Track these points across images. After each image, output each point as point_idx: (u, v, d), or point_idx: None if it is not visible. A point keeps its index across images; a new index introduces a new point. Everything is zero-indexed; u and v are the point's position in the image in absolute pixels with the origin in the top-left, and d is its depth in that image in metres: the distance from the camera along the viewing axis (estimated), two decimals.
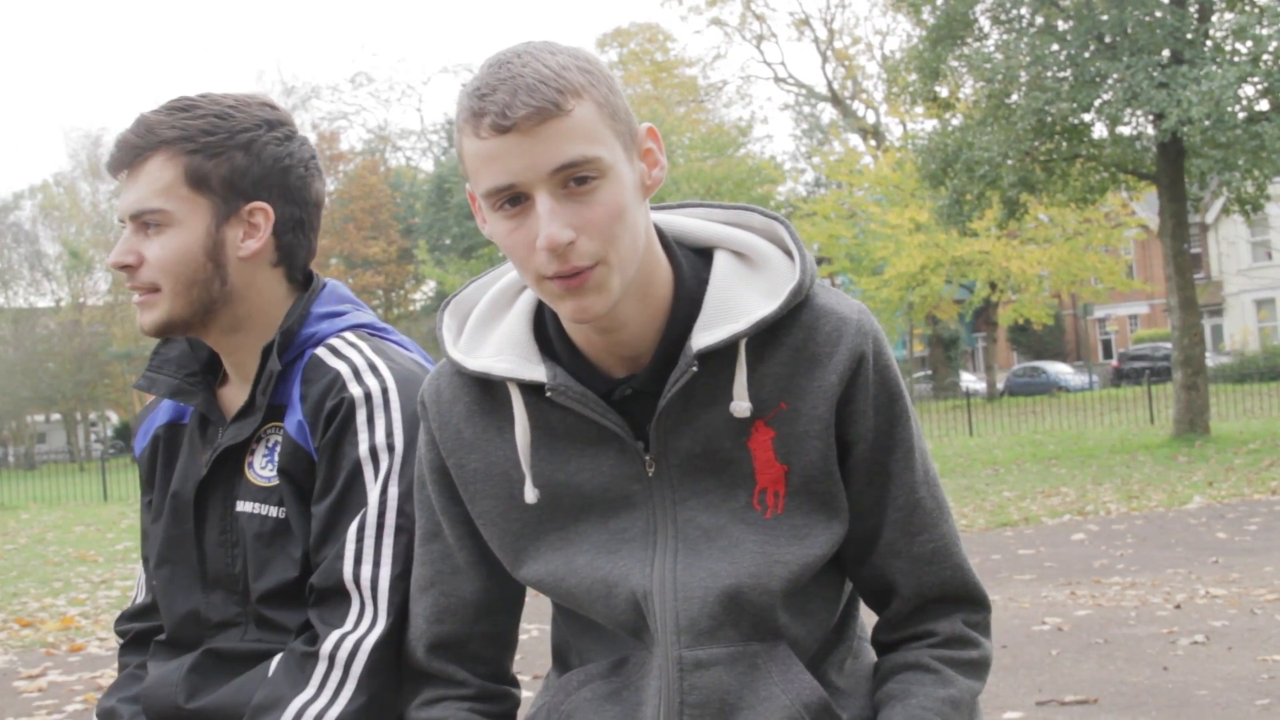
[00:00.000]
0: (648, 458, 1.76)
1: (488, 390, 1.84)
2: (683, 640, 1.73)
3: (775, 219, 1.84)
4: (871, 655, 1.95)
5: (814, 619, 1.84)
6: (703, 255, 1.82)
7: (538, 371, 1.76)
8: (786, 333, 1.74)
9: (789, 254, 1.81)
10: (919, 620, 1.85)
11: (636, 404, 1.76)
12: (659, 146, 1.73)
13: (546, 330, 1.81)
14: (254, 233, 2.14)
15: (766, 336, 1.74)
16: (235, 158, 2.09)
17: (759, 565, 1.73)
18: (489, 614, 1.91)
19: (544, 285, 1.66)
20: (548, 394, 1.75)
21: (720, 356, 1.73)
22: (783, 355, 1.74)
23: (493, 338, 1.84)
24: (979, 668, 1.84)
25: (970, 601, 1.86)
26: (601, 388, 1.76)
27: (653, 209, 1.82)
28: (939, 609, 1.84)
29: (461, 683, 1.91)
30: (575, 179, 1.60)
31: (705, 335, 1.71)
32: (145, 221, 2.07)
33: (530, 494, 1.79)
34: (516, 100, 1.57)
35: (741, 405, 1.71)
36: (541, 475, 1.80)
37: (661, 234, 1.79)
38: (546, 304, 1.75)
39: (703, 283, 1.77)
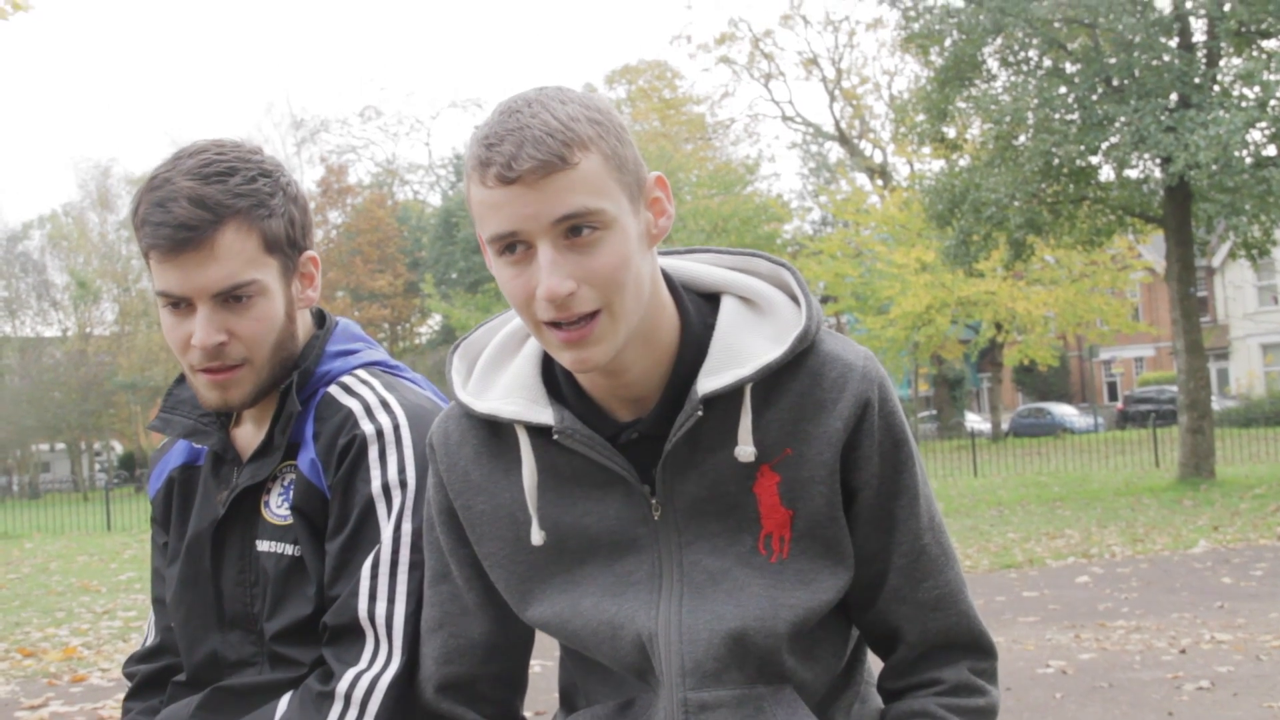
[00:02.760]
0: (654, 501, 1.77)
1: (496, 433, 1.86)
2: (688, 683, 1.73)
3: (782, 265, 1.86)
4: (878, 701, 1.95)
5: (820, 663, 1.84)
6: (710, 300, 1.83)
7: (545, 414, 1.77)
8: (792, 378, 1.76)
9: (795, 300, 1.83)
10: (925, 668, 1.84)
11: (642, 448, 1.77)
12: (667, 196, 1.74)
13: (554, 373, 1.83)
14: (310, 281, 2.16)
15: (772, 382, 1.75)
16: (291, 212, 2.09)
17: (764, 609, 1.74)
18: (498, 655, 1.92)
19: (544, 333, 1.68)
20: (555, 437, 1.76)
21: (726, 401, 1.74)
22: (788, 401, 1.75)
23: (501, 380, 1.86)
24: (985, 715, 1.83)
25: (977, 649, 1.86)
26: (608, 431, 1.78)
27: (660, 254, 1.84)
28: (945, 656, 1.84)
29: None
30: (577, 229, 1.62)
31: (711, 380, 1.72)
32: (235, 296, 2.02)
33: (537, 536, 1.80)
34: (522, 153, 1.59)
35: (746, 450, 1.73)
36: (548, 518, 1.81)
37: (669, 279, 1.80)
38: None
39: (709, 327, 1.78)
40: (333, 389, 2.14)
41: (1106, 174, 19.64)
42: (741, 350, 1.74)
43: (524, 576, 1.85)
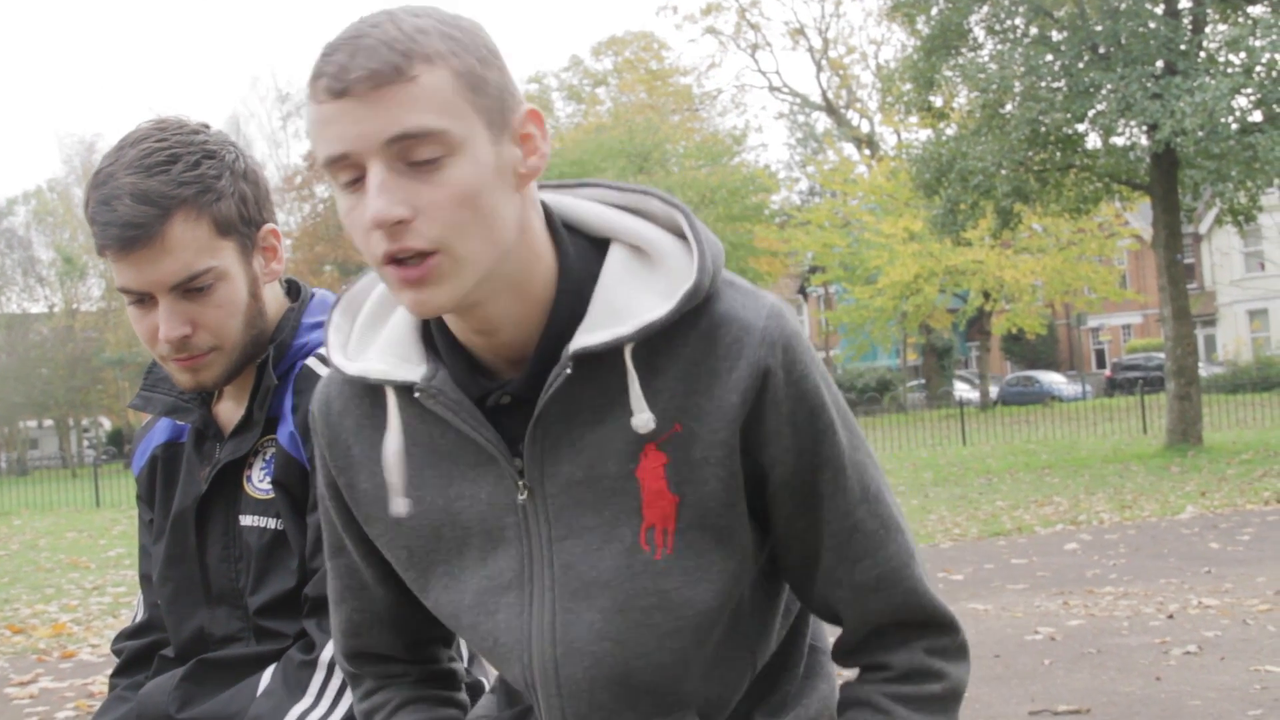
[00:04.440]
0: (521, 483, 1.54)
1: (377, 400, 1.62)
2: None
3: (675, 205, 1.58)
4: (834, 678, 1.80)
5: (734, 670, 1.65)
6: (598, 247, 1.58)
7: (414, 372, 1.54)
8: (683, 342, 1.51)
9: (689, 248, 1.56)
10: (873, 650, 1.64)
11: (517, 418, 1.54)
12: (541, 132, 1.50)
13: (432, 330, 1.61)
14: (273, 254, 2.13)
15: (660, 345, 1.50)
16: (241, 190, 2.05)
17: (647, 642, 1.54)
18: (409, 627, 1.78)
19: (384, 272, 1.44)
20: (415, 395, 1.53)
21: (606, 365, 1.50)
22: (678, 369, 1.51)
23: (379, 338, 1.62)
24: (943, 702, 1.62)
25: (933, 625, 1.63)
26: (479, 393, 1.55)
27: (546, 187, 1.62)
28: (895, 637, 1.62)
29: (398, 676, 1.80)
30: (418, 160, 1.39)
31: (586, 337, 1.48)
32: (194, 287, 1.99)
33: (398, 505, 1.59)
34: (354, 62, 1.37)
35: (643, 418, 1.48)
36: (423, 499, 1.60)
37: (551, 220, 1.56)
38: None
39: (593, 278, 1.54)
40: (310, 361, 2.12)
41: (1093, 141, 19.63)
42: (624, 307, 1.49)
43: (409, 563, 1.65)
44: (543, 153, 1.49)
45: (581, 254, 1.56)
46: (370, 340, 1.62)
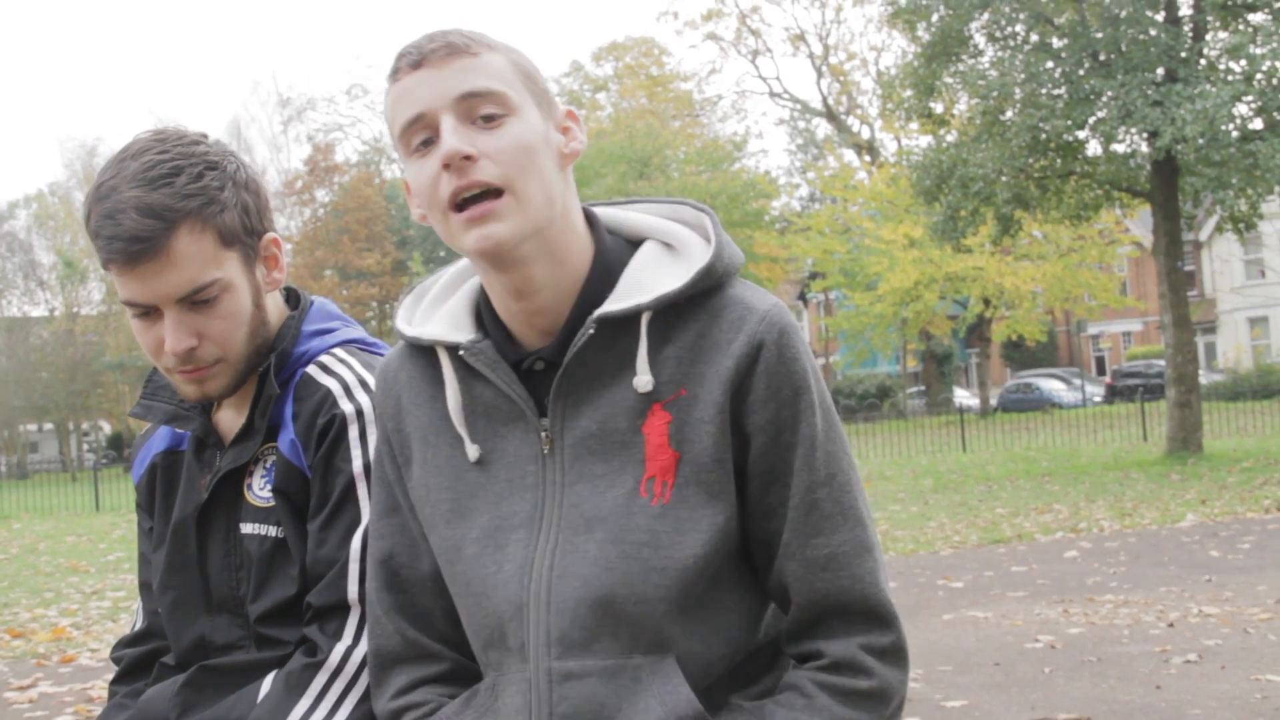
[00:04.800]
0: (544, 435, 1.75)
1: (430, 361, 1.86)
2: (554, 651, 1.69)
3: (704, 211, 1.85)
4: None
5: (717, 635, 1.75)
6: (634, 245, 1.83)
7: (462, 336, 1.79)
8: (694, 318, 1.73)
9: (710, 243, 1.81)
10: (813, 635, 1.75)
11: (547, 382, 1.76)
12: (578, 126, 1.79)
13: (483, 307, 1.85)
14: (275, 262, 2.13)
15: (673, 319, 1.73)
16: (243, 200, 2.05)
17: (634, 572, 1.68)
18: (447, 595, 1.85)
19: (450, 220, 1.69)
20: (461, 354, 1.77)
21: (625, 332, 1.72)
22: (686, 339, 1.73)
23: (440, 313, 1.87)
24: (870, 700, 1.70)
25: (874, 619, 1.73)
26: (515, 357, 1.78)
27: (595, 205, 1.86)
28: (836, 625, 1.73)
29: (434, 655, 1.86)
30: (483, 115, 1.67)
31: (610, 305, 1.72)
32: (200, 299, 1.99)
33: (472, 451, 1.79)
34: (430, 43, 1.69)
35: (644, 379, 1.70)
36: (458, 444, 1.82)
37: (593, 219, 1.82)
38: (459, 251, 1.76)
39: (623, 265, 1.78)
40: (311, 369, 2.12)
41: (1094, 148, 19.63)
42: (647, 283, 1.73)
43: (425, 499, 1.84)
44: (581, 141, 1.78)
45: (617, 246, 1.82)
46: (432, 315, 1.88)
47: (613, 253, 1.79)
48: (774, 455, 1.72)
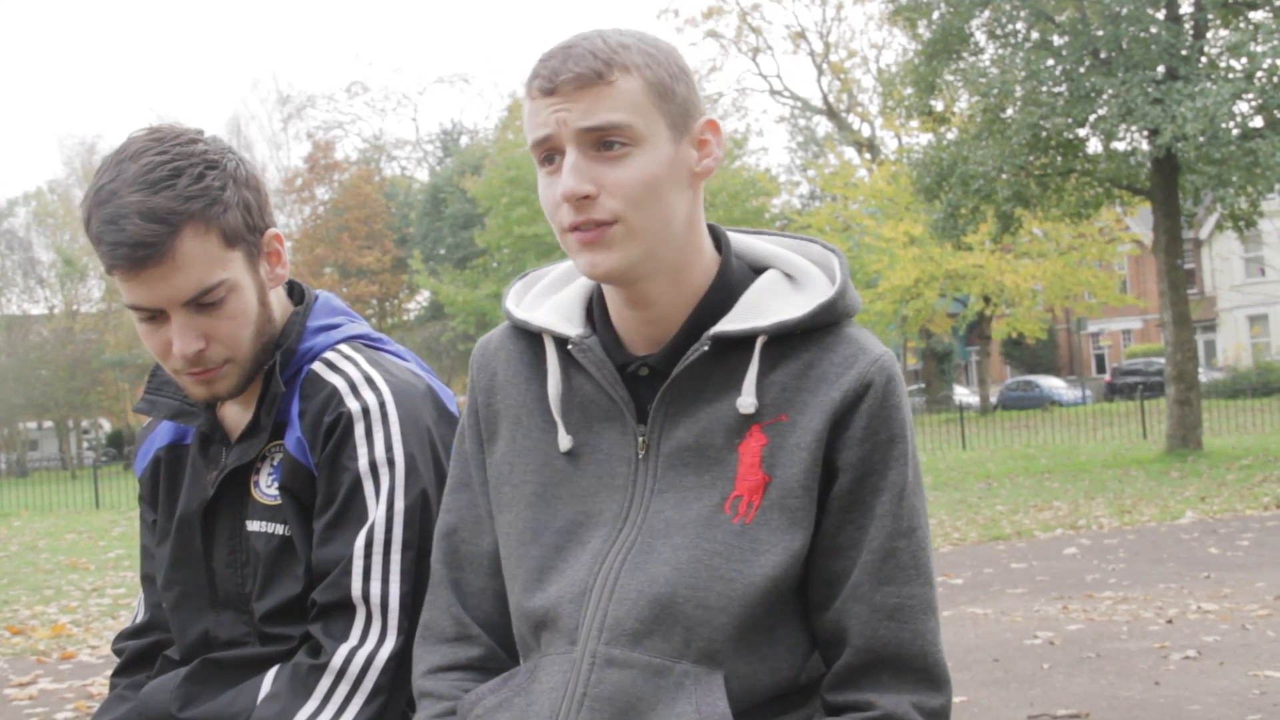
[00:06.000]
0: (641, 440, 1.78)
1: (532, 345, 1.90)
2: (604, 638, 1.69)
3: (833, 251, 1.87)
4: None
5: (767, 664, 1.74)
6: (757, 272, 1.86)
7: (573, 330, 1.82)
8: (805, 348, 1.76)
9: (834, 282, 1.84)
10: (864, 685, 1.73)
11: (651, 388, 1.78)
12: (717, 139, 1.78)
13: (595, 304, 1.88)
14: (277, 258, 2.12)
15: (785, 347, 1.76)
16: (245, 198, 2.03)
17: (700, 577, 1.69)
18: (501, 579, 1.88)
19: (566, 239, 1.72)
20: (569, 348, 1.80)
21: (736, 352, 1.75)
22: (795, 368, 1.75)
23: (550, 302, 1.91)
24: None
25: (927, 680, 1.74)
26: (622, 360, 1.81)
27: (729, 230, 1.89)
28: (889, 679, 1.72)
29: (473, 638, 1.87)
30: (605, 143, 1.67)
31: (727, 325, 1.74)
32: (207, 301, 1.98)
33: (564, 441, 1.82)
34: (564, 66, 1.67)
35: (748, 401, 1.72)
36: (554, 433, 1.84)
37: (720, 238, 1.85)
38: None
39: (744, 287, 1.81)
40: (316, 365, 2.12)
41: (1094, 146, 19.63)
42: (765, 308, 1.76)
43: (507, 478, 1.86)
44: (716, 156, 1.78)
45: (740, 269, 1.84)
46: (541, 303, 1.91)
47: (735, 275, 1.81)
48: (856, 495, 1.73)
